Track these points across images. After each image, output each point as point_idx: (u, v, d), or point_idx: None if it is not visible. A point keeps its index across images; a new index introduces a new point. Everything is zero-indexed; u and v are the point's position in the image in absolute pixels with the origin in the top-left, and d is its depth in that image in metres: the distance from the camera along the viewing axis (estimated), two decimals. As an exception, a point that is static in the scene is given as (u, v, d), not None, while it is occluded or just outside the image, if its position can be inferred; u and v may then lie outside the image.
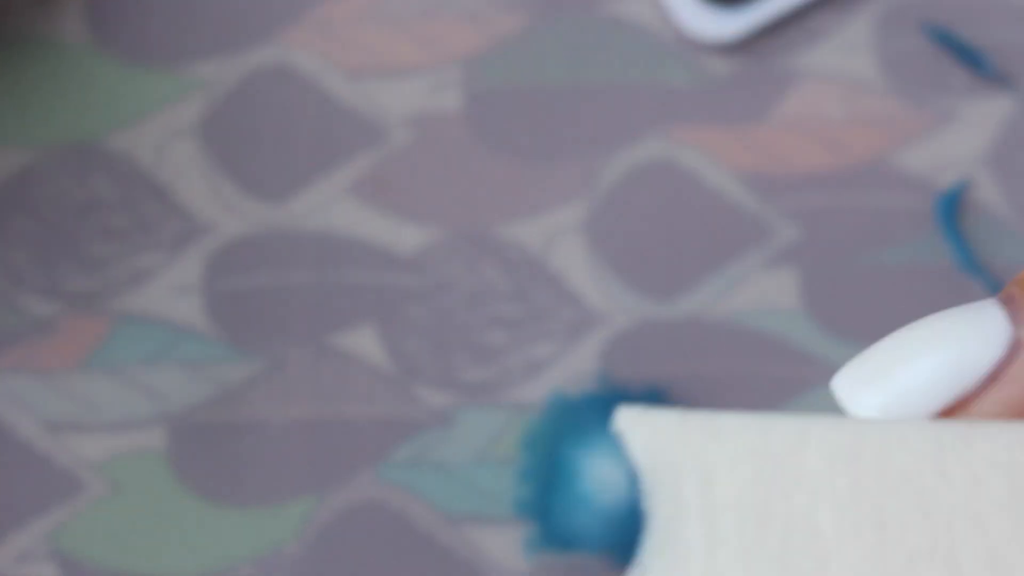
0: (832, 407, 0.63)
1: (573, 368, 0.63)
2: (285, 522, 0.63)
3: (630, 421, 0.34)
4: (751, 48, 0.64)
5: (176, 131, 0.64)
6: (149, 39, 0.64)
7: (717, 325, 0.63)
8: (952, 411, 0.34)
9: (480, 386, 0.63)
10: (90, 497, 0.63)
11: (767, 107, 0.64)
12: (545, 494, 0.62)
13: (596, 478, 0.62)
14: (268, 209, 0.64)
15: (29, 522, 0.63)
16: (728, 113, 0.64)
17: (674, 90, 0.64)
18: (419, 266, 0.63)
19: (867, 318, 0.63)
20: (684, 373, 0.63)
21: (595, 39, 0.64)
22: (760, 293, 0.63)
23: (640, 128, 0.64)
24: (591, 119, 0.64)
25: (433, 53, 0.64)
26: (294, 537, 0.63)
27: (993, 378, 0.33)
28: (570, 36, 0.64)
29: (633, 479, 0.62)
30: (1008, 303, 0.34)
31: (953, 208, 0.63)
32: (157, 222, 0.64)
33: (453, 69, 0.64)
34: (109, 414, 0.63)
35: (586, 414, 0.62)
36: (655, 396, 0.62)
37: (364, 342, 0.63)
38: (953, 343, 0.34)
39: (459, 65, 0.64)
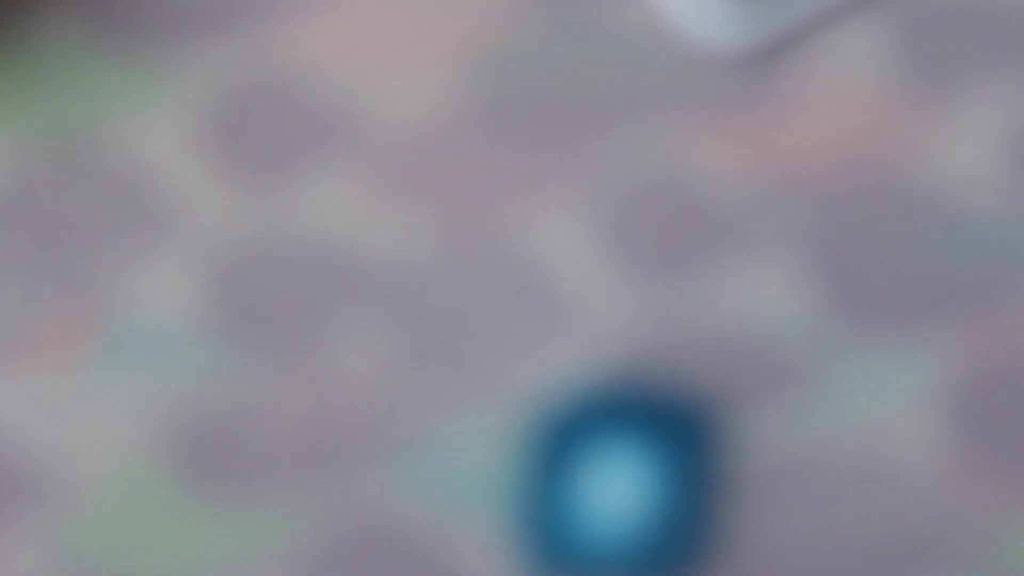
0: (834, 404, 0.63)
1: (573, 368, 0.63)
2: (284, 522, 0.63)
3: None
4: (753, 49, 0.64)
5: (175, 130, 0.64)
6: (147, 37, 0.64)
7: (717, 324, 0.63)
8: None
9: (480, 386, 0.63)
10: (88, 498, 0.63)
11: (769, 109, 0.64)
12: (541, 500, 0.62)
13: (594, 481, 0.62)
14: (268, 208, 0.64)
15: (27, 523, 0.63)
16: (729, 114, 0.64)
17: (675, 91, 0.64)
18: (419, 265, 0.64)
19: (869, 317, 0.63)
20: (684, 372, 0.63)
21: (597, 40, 0.64)
22: (760, 293, 0.63)
23: (641, 129, 0.64)
24: (592, 119, 0.64)
25: (433, 53, 0.64)
26: (293, 537, 0.63)
27: None
28: (572, 37, 0.64)
29: (631, 483, 0.62)
30: None
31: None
32: (156, 221, 0.64)
33: (453, 69, 0.64)
34: (107, 414, 0.63)
35: (585, 414, 0.62)
36: (655, 395, 0.62)
37: (364, 342, 0.63)
38: None
39: (460, 65, 0.64)
